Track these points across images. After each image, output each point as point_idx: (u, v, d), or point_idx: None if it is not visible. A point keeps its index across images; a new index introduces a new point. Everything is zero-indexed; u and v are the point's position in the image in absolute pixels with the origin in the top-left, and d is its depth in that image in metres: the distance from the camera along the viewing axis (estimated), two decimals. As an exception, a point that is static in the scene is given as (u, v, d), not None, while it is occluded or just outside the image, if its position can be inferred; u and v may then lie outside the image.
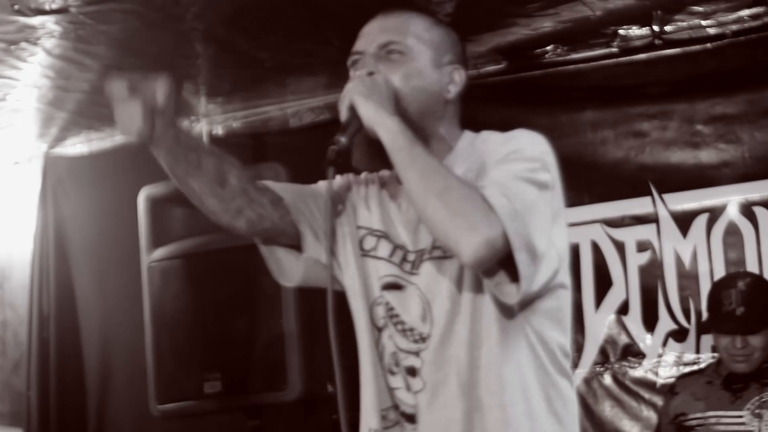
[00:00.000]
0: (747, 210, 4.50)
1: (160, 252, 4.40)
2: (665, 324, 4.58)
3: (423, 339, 2.20)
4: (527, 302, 2.13)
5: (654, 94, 4.68)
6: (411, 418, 2.21)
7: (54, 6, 4.07)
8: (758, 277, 4.23)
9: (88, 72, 4.67)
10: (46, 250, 5.49)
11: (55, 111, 5.11)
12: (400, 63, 2.25)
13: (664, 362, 4.55)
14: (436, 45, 2.30)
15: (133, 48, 4.47)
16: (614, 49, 4.68)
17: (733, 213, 4.51)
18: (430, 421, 2.18)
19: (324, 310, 2.15)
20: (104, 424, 5.45)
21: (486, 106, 4.70)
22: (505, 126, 2.20)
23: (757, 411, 3.87)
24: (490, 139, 2.26)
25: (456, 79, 2.31)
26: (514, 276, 2.06)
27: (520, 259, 2.02)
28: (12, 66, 4.58)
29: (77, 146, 5.52)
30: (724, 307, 3.91)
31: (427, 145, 2.19)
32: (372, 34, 2.30)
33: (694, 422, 3.94)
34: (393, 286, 2.25)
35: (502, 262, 2.06)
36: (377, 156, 2.18)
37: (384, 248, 2.28)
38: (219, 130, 5.26)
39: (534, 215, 2.07)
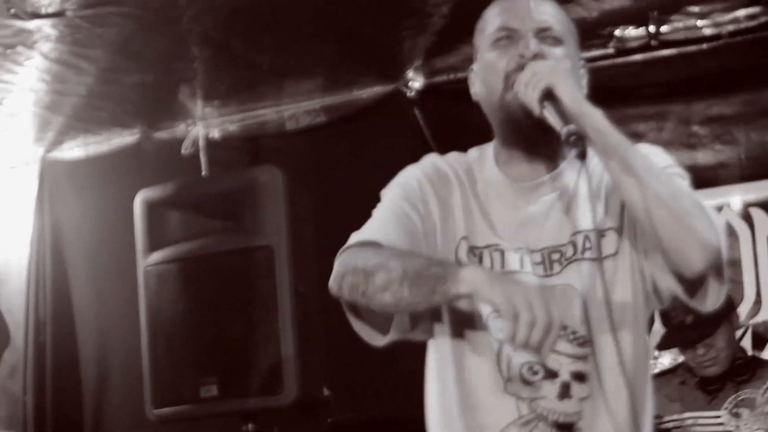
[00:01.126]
0: (743, 211, 4.49)
1: (156, 256, 4.39)
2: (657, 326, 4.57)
3: (586, 343, 2.07)
4: None
5: (650, 95, 4.68)
6: (567, 427, 2.07)
7: (50, 10, 4.07)
8: None
9: (85, 76, 4.67)
10: (42, 255, 5.48)
11: (51, 115, 5.10)
12: (555, 53, 2.09)
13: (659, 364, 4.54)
14: (576, 38, 2.16)
15: (130, 51, 4.47)
16: (610, 50, 4.67)
17: (729, 214, 4.51)
18: (598, 428, 2.07)
19: (319, 313, 2.13)
20: (100, 428, 5.44)
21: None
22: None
23: (734, 410, 3.83)
24: None
25: (586, 77, 2.19)
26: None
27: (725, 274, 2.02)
28: (8, 70, 4.57)
29: (74, 150, 5.50)
30: (673, 320, 3.87)
31: (557, 145, 2.09)
32: (527, 13, 2.10)
33: (670, 425, 3.88)
34: None
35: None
36: (535, 134, 2.08)
37: (512, 261, 2.10)
38: (215, 133, 5.25)
39: None
